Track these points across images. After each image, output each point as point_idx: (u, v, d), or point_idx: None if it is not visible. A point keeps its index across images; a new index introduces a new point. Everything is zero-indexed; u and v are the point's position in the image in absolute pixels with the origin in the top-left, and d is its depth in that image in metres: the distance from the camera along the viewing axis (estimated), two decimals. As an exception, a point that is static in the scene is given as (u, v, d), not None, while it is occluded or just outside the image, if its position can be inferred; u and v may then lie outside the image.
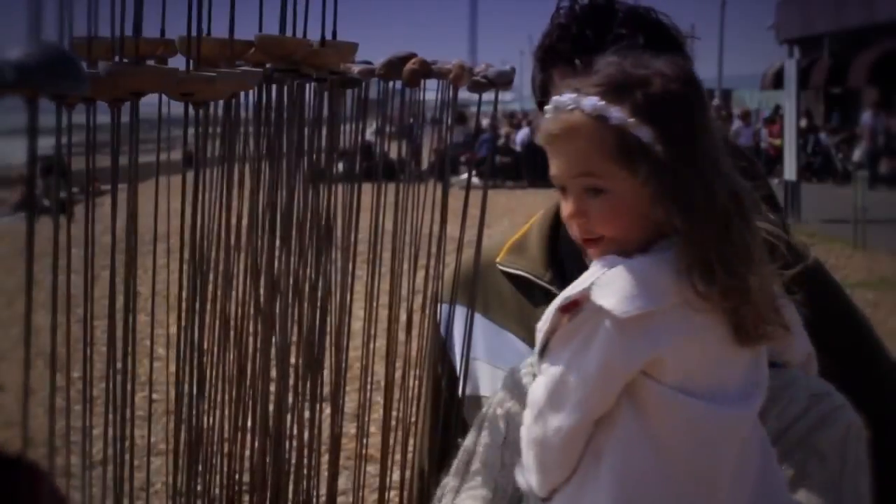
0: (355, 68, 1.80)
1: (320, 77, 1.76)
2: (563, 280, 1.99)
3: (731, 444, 1.39)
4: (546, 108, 1.43)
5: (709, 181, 1.37)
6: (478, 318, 1.99)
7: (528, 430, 1.44)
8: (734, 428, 1.39)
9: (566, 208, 1.42)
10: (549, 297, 1.98)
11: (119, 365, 1.44)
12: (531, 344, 1.98)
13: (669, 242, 1.37)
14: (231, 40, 1.52)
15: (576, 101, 1.38)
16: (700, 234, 1.35)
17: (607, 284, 1.35)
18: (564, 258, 1.99)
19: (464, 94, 1.92)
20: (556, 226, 2.04)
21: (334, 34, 1.70)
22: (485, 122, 15.95)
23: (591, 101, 1.37)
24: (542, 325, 1.43)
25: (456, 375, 2.01)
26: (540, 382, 1.42)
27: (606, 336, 1.34)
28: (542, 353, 1.42)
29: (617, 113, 1.36)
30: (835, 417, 1.55)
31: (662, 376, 1.35)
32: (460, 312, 2.00)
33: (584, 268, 1.56)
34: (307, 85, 1.77)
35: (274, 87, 1.68)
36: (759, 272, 1.38)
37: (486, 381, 2.00)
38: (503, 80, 1.86)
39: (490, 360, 2.01)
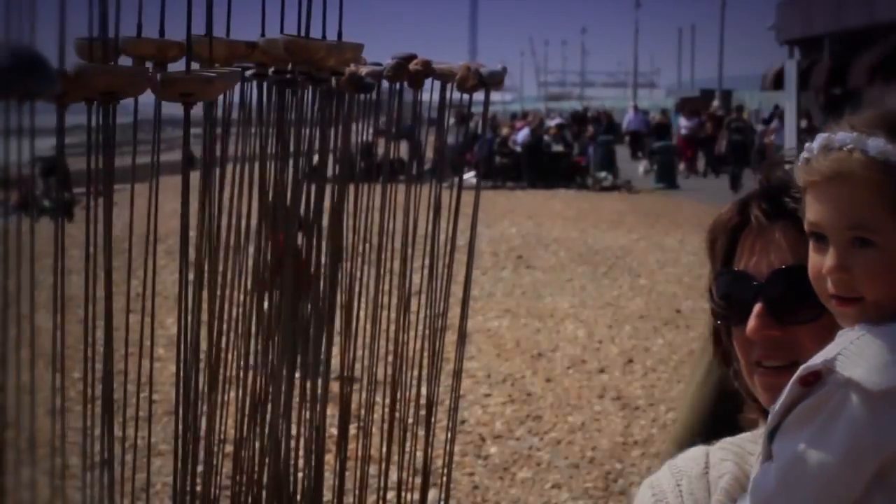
0: (363, 70, 1.81)
1: (320, 77, 1.75)
2: None
3: None
4: (812, 144, 1.25)
5: None
6: None
7: None
8: None
9: (828, 260, 1.23)
10: None
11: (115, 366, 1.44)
12: None
13: None
14: (231, 41, 1.52)
15: (857, 140, 1.20)
16: None
17: (857, 354, 1.18)
18: None
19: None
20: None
21: (339, 35, 1.70)
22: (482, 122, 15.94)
23: (878, 144, 1.19)
24: (777, 403, 1.25)
25: None
26: (770, 467, 1.24)
27: (855, 412, 1.16)
28: (773, 433, 1.25)
29: None
30: None
31: None
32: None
33: None
34: (322, 86, 1.76)
35: (279, 88, 1.68)
36: None
37: None
38: (494, 80, 1.87)
39: None
